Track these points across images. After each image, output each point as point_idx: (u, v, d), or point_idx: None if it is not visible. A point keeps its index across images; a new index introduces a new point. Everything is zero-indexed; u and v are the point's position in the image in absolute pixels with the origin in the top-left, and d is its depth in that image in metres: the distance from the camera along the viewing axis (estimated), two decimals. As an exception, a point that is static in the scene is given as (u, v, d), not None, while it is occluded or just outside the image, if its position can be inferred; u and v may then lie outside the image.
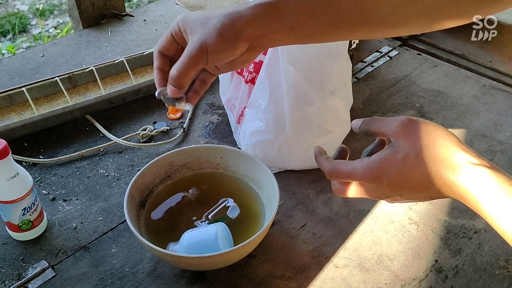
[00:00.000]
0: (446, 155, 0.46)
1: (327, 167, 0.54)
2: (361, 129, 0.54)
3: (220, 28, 0.53)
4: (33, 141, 0.92)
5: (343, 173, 0.52)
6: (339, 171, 0.53)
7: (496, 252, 0.74)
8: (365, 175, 0.50)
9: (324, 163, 0.55)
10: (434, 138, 0.47)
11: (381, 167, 0.49)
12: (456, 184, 0.45)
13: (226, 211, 0.73)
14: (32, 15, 2.66)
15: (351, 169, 0.51)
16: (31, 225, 0.73)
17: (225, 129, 0.97)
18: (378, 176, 0.49)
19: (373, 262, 0.72)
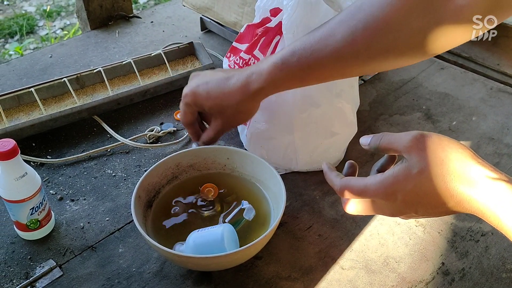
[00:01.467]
0: (462, 170, 0.45)
1: (338, 184, 0.54)
2: (370, 145, 0.53)
3: (238, 119, 0.74)
4: (41, 141, 0.93)
5: (356, 190, 0.51)
6: (351, 188, 0.52)
7: (503, 256, 0.74)
8: (379, 192, 0.49)
9: (334, 180, 0.55)
10: (449, 153, 0.46)
11: (395, 183, 0.48)
12: (474, 199, 0.44)
13: (243, 213, 0.73)
14: (40, 16, 2.68)
15: (363, 185, 0.51)
16: (39, 225, 0.73)
17: (231, 130, 0.97)
18: (392, 192, 0.48)
19: (379, 264, 0.72)
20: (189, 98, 0.71)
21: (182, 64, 1.13)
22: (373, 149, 0.53)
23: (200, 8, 1.21)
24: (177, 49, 1.12)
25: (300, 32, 0.78)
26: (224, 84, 0.68)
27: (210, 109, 0.70)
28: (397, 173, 0.48)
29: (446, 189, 0.45)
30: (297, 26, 0.78)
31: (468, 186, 0.44)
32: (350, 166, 0.57)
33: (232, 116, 0.70)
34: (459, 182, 0.45)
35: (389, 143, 0.51)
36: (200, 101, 0.70)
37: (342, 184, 0.53)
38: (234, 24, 1.13)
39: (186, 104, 0.72)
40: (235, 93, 0.67)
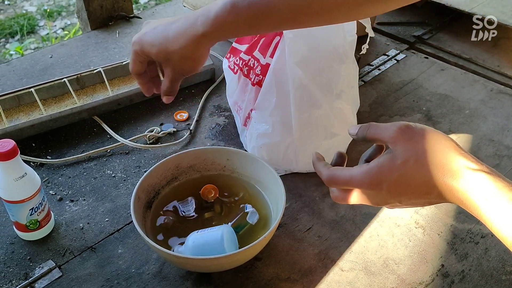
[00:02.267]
0: (445, 161, 0.46)
1: (325, 174, 0.54)
2: (358, 135, 0.54)
3: (186, 66, 0.65)
4: (41, 142, 0.93)
5: (342, 180, 0.52)
6: (337, 178, 0.52)
7: (503, 258, 0.74)
8: (364, 181, 0.50)
9: (322, 170, 0.55)
10: (433, 144, 0.47)
11: (380, 173, 0.49)
12: (456, 189, 0.45)
13: (246, 218, 0.73)
14: (40, 16, 2.68)
15: (349, 175, 0.51)
16: (38, 225, 0.73)
17: (231, 131, 0.97)
18: (377, 183, 0.49)
19: (379, 266, 0.72)
20: (137, 45, 0.66)
21: (182, 64, 1.12)
22: (361, 139, 0.53)
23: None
24: (177, 49, 1.12)
25: (300, 33, 0.78)
26: (168, 29, 0.63)
27: (156, 56, 0.65)
28: (382, 163, 0.49)
29: (429, 179, 0.46)
30: (297, 27, 0.78)
31: (450, 177, 0.45)
32: (339, 156, 0.57)
33: (179, 63, 0.64)
34: (442, 173, 0.46)
35: (376, 133, 0.51)
36: (146, 48, 0.65)
37: (328, 174, 0.53)
38: (235, 25, 1.13)
39: (134, 52, 0.67)
40: (179, 37, 0.61)
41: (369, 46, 1.24)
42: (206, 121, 1.00)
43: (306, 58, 0.79)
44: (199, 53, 0.63)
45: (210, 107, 1.04)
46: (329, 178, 0.53)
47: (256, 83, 0.85)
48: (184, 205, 0.76)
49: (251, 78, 0.87)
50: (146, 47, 0.65)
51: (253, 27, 0.61)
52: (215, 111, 1.03)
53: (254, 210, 0.74)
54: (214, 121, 1.00)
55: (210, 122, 1.00)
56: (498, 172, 0.45)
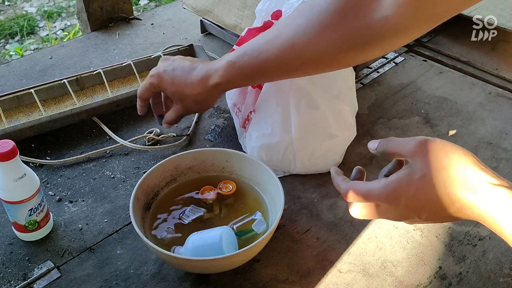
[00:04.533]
0: (464, 175, 0.45)
1: (344, 188, 0.54)
2: (378, 150, 0.54)
3: (197, 108, 0.80)
4: (41, 143, 0.93)
5: (360, 194, 0.52)
6: (356, 191, 0.53)
7: (500, 260, 0.74)
8: (382, 196, 0.50)
9: (340, 184, 0.55)
10: (451, 158, 0.46)
11: (398, 187, 0.48)
12: (475, 205, 0.44)
13: (252, 224, 0.73)
14: (40, 17, 2.68)
15: (367, 189, 0.51)
16: (37, 226, 0.74)
17: (230, 132, 0.97)
18: (395, 197, 0.49)
19: (377, 268, 0.72)
20: (155, 79, 0.78)
21: (181, 66, 1.13)
22: (380, 154, 0.54)
23: (200, 10, 1.21)
24: (177, 51, 1.13)
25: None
26: (187, 75, 0.75)
27: (172, 94, 0.77)
28: (401, 177, 0.49)
29: (448, 194, 0.46)
30: (296, 30, 0.78)
31: (470, 192, 0.44)
32: (358, 172, 0.58)
33: (192, 104, 0.77)
34: (461, 188, 0.45)
35: (395, 147, 0.51)
36: (164, 85, 0.77)
37: (347, 188, 0.54)
38: (234, 27, 1.13)
39: (150, 84, 0.79)
40: (196, 85, 0.74)
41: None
42: (205, 122, 1.00)
43: (305, 60, 0.79)
44: (210, 99, 0.77)
45: (210, 109, 1.04)
46: (348, 192, 0.53)
47: (256, 86, 0.86)
48: (192, 211, 0.76)
49: (251, 80, 0.87)
50: (164, 84, 0.77)
51: (253, 79, 0.75)
52: (214, 113, 1.03)
53: (263, 219, 0.74)
54: (213, 122, 1.00)
55: (210, 124, 1.00)
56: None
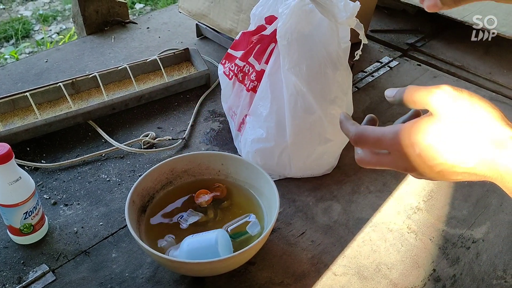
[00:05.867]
0: (490, 129, 0.42)
1: (354, 131, 0.49)
2: (395, 97, 0.48)
3: None
4: (36, 146, 0.93)
5: (371, 138, 0.47)
6: (367, 135, 0.47)
7: (494, 262, 0.75)
8: (396, 141, 0.45)
9: (350, 127, 0.50)
10: (478, 110, 0.43)
11: (415, 133, 0.44)
12: (495, 160, 0.41)
13: (246, 227, 0.73)
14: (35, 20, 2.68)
15: (380, 133, 0.46)
16: (32, 229, 0.73)
17: (226, 136, 0.97)
18: (410, 143, 0.44)
19: (371, 271, 0.73)
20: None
21: (177, 70, 1.13)
22: (398, 102, 0.48)
23: (196, 14, 1.21)
24: (172, 55, 1.13)
25: (294, 40, 0.79)
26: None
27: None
28: (419, 123, 0.44)
29: (469, 146, 0.42)
30: (291, 34, 0.79)
31: (493, 145, 0.41)
32: (370, 119, 0.53)
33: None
34: (483, 141, 0.42)
35: (416, 94, 0.46)
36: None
37: (357, 131, 0.48)
38: (230, 31, 1.14)
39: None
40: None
41: (363, 53, 1.25)
42: (201, 126, 1.01)
43: (300, 64, 0.80)
44: None
45: (205, 112, 1.05)
46: (358, 136, 0.48)
47: (251, 89, 0.86)
48: (190, 214, 0.76)
49: (246, 84, 0.87)
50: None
51: None
52: (210, 116, 1.03)
53: (257, 221, 0.74)
54: (208, 126, 1.01)
55: (205, 127, 1.00)
56: None
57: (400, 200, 0.85)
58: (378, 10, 1.44)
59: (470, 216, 0.82)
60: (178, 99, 1.07)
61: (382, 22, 1.41)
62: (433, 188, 0.87)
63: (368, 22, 1.30)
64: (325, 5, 0.76)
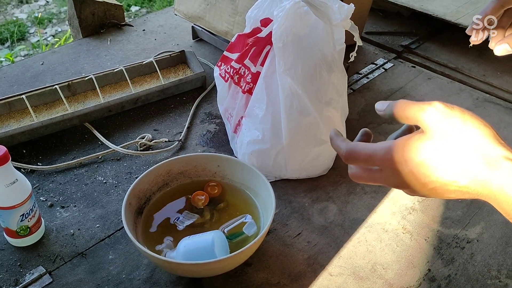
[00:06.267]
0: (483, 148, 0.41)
1: (345, 148, 0.49)
2: (386, 111, 0.48)
3: None
4: (32, 148, 0.93)
5: (363, 155, 0.47)
6: (357, 153, 0.47)
7: (488, 262, 0.75)
8: (387, 157, 0.45)
9: (340, 144, 0.50)
10: (470, 128, 0.42)
11: (407, 150, 0.43)
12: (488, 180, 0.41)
13: (243, 227, 0.74)
14: (31, 23, 2.68)
15: (372, 150, 0.46)
16: (29, 231, 0.74)
17: (222, 138, 0.98)
18: (402, 160, 0.44)
19: (367, 271, 0.73)
20: None
21: (173, 72, 1.14)
22: (388, 116, 0.48)
23: (192, 17, 1.22)
24: (168, 57, 1.13)
25: (289, 42, 0.80)
26: None
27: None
28: (411, 139, 0.44)
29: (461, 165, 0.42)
30: (287, 36, 0.79)
31: (486, 165, 0.41)
32: (364, 134, 0.53)
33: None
34: (476, 160, 0.41)
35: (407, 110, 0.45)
36: None
37: (348, 148, 0.48)
38: (225, 33, 1.14)
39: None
40: None
41: (358, 55, 1.26)
42: (197, 128, 1.01)
43: (296, 66, 0.81)
44: None
45: (201, 114, 1.05)
46: (349, 153, 0.48)
47: (247, 91, 0.87)
48: (186, 217, 0.76)
49: (242, 86, 0.88)
50: None
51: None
52: (206, 118, 1.04)
53: (253, 222, 0.74)
54: (205, 128, 1.01)
55: (201, 129, 1.01)
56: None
57: (395, 200, 0.85)
58: (373, 12, 1.45)
59: (464, 217, 0.83)
60: (175, 101, 1.08)
61: (377, 24, 1.42)
62: (428, 189, 0.88)
63: (363, 24, 1.31)
64: (320, 7, 0.77)
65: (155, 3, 2.90)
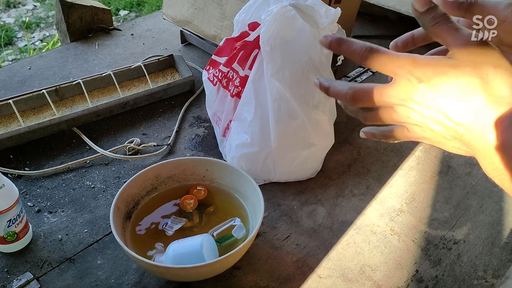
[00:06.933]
0: (500, 92, 0.39)
1: (349, 86, 0.46)
2: (422, 14, 0.44)
3: None
4: (19, 153, 0.92)
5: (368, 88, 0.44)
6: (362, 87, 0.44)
7: (474, 263, 0.76)
8: (403, 59, 0.42)
9: (340, 86, 0.47)
10: (500, 71, 0.40)
11: (427, 62, 0.41)
12: (487, 124, 0.39)
13: (232, 230, 0.74)
14: (18, 28, 2.66)
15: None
16: (16, 237, 0.73)
17: (211, 141, 0.98)
18: (422, 64, 0.41)
19: (355, 273, 0.74)
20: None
21: (162, 76, 1.13)
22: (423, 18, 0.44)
23: (180, 21, 1.22)
24: (157, 61, 1.13)
25: (277, 46, 0.80)
26: None
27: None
28: (433, 56, 0.41)
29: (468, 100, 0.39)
30: (274, 40, 0.80)
31: (494, 108, 0.39)
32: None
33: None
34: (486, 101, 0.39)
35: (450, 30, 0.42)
36: None
37: (352, 86, 0.45)
38: (214, 37, 1.15)
39: None
40: None
41: (346, 59, 1.27)
42: (186, 132, 1.01)
43: (284, 70, 0.81)
44: None
45: (190, 118, 1.05)
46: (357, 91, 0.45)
47: (235, 95, 0.87)
48: (174, 221, 0.76)
49: (230, 89, 0.88)
50: None
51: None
52: (194, 122, 1.04)
53: (242, 225, 0.75)
54: (193, 131, 1.01)
55: (190, 133, 1.01)
56: None
57: (383, 202, 0.86)
58: (361, 16, 1.46)
59: (451, 218, 0.84)
60: (163, 106, 1.08)
61: (365, 28, 1.43)
62: (415, 191, 0.89)
63: (351, 28, 1.32)
64: (307, 11, 0.78)
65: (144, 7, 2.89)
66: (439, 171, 0.93)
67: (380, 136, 0.51)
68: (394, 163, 0.94)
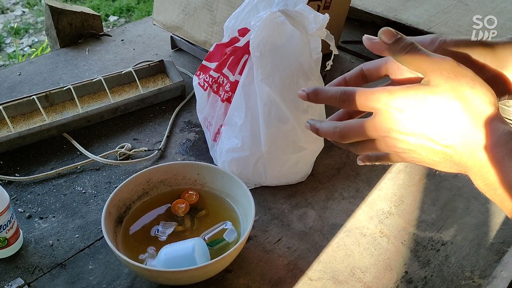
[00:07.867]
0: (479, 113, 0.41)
1: (335, 125, 0.48)
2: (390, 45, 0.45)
3: None
4: (10, 159, 0.92)
5: (356, 126, 0.45)
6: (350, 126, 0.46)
7: (462, 264, 0.77)
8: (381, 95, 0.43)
9: (328, 127, 0.49)
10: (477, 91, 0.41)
11: (404, 92, 0.42)
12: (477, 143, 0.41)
13: (223, 234, 0.74)
14: (7, 33, 2.65)
15: (362, 122, 0.44)
16: (6, 243, 0.73)
17: (202, 146, 0.99)
18: (401, 106, 0.42)
19: (346, 275, 0.75)
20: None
21: (152, 81, 1.14)
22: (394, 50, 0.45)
23: (171, 27, 1.23)
24: (147, 67, 1.14)
25: (267, 51, 0.81)
26: None
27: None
28: (412, 86, 0.42)
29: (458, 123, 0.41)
30: (264, 45, 0.81)
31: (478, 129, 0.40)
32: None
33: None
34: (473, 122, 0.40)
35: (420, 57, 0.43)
36: None
37: (340, 124, 0.47)
38: (204, 43, 1.15)
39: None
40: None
41: (335, 64, 1.28)
42: (177, 136, 1.02)
43: (273, 75, 0.82)
44: None
45: (181, 123, 1.06)
46: (342, 126, 0.47)
47: (226, 100, 0.88)
48: (164, 226, 0.76)
49: (221, 94, 0.89)
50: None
51: None
52: (185, 127, 1.04)
53: (233, 229, 0.75)
54: (184, 136, 1.02)
55: (181, 138, 1.01)
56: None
57: (372, 205, 0.87)
58: (349, 21, 1.48)
59: (438, 220, 0.85)
60: (154, 111, 1.08)
61: (353, 34, 1.45)
62: (404, 193, 0.90)
63: (339, 33, 1.34)
64: (296, 17, 0.79)
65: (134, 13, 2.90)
66: (427, 174, 0.94)
67: (375, 160, 0.53)
68: (383, 167, 0.96)
